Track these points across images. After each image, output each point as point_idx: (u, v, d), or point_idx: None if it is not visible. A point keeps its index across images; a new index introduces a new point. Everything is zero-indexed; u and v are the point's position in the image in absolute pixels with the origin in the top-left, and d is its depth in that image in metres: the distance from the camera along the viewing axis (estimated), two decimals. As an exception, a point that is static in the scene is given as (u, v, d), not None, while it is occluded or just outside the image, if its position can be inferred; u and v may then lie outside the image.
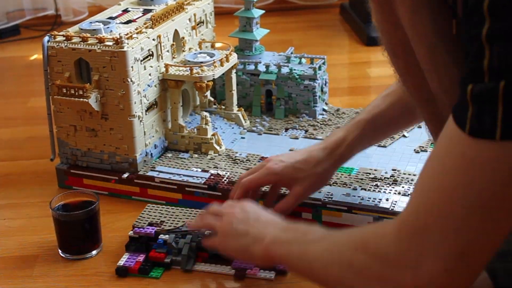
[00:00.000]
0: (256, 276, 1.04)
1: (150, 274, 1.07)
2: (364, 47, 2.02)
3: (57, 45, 1.24)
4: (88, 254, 1.12)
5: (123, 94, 1.22)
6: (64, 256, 1.12)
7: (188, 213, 1.15)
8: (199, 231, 1.08)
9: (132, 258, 1.09)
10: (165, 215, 1.14)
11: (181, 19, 1.38)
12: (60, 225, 1.11)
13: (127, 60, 1.20)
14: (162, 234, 1.09)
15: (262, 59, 1.52)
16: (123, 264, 1.08)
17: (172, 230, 1.10)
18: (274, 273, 1.04)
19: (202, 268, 1.07)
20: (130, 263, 1.08)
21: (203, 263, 1.08)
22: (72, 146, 1.30)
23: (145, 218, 1.14)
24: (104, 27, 1.27)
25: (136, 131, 1.25)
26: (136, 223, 1.13)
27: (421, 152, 1.31)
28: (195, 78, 1.30)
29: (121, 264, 1.08)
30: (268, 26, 1.58)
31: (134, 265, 1.07)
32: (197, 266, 1.07)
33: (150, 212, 1.15)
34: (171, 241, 1.08)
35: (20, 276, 1.09)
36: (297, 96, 1.46)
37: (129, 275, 1.07)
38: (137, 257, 1.09)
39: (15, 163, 1.46)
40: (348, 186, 1.20)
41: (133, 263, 1.08)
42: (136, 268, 1.07)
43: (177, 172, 1.27)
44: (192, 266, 1.07)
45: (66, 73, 1.25)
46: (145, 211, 1.16)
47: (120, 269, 1.07)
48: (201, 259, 1.08)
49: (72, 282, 1.08)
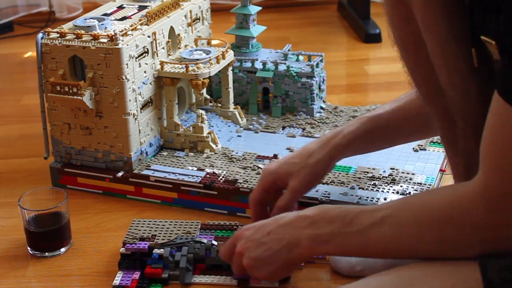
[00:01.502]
0: (260, 285, 1.01)
1: None
2: (362, 44, 2.01)
3: (51, 42, 1.23)
4: (56, 251, 1.12)
5: (117, 92, 1.21)
6: (32, 253, 1.13)
7: (178, 224, 1.11)
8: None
9: (127, 276, 1.04)
10: (155, 229, 1.10)
11: (176, 16, 1.37)
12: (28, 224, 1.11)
13: (121, 57, 1.19)
14: (156, 248, 1.05)
15: (259, 56, 1.51)
16: (119, 283, 1.02)
17: (167, 244, 1.06)
18: (277, 283, 1.02)
19: (202, 280, 1.03)
20: (127, 282, 1.02)
21: (202, 275, 1.04)
22: (66, 144, 1.29)
23: (135, 233, 1.08)
24: (99, 24, 1.26)
25: (131, 129, 1.24)
26: (126, 239, 1.07)
27: (420, 151, 1.30)
28: (190, 75, 1.29)
29: (117, 283, 1.02)
30: (265, 23, 1.57)
31: (131, 284, 1.02)
32: (195, 278, 1.04)
33: (138, 227, 1.10)
34: (167, 255, 1.04)
35: (14, 276, 1.08)
36: (294, 94, 1.45)
37: None
38: (132, 274, 1.04)
39: (8, 161, 1.44)
40: (345, 185, 1.18)
41: (130, 281, 1.02)
42: (133, 287, 1.02)
43: (172, 171, 1.26)
44: (191, 279, 1.03)
45: (60, 70, 1.23)
46: (133, 226, 1.10)
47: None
48: (199, 271, 1.05)
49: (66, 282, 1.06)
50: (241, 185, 1.20)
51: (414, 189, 1.16)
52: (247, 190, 1.18)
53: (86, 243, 1.15)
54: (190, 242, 1.06)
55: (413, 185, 1.18)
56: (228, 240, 0.99)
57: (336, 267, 1.03)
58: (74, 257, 1.12)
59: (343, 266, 1.02)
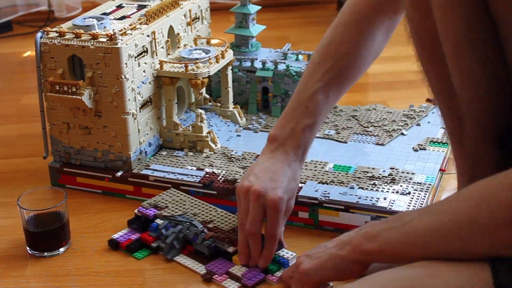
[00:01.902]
0: (220, 284, 1.02)
1: (134, 254, 1.09)
2: (361, 44, 2.01)
3: (50, 41, 1.23)
4: (55, 251, 1.12)
5: (117, 91, 1.21)
6: (31, 253, 1.12)
7: (196, 204, 1.16)
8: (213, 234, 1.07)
9: (128, 234, 1.13)
10: (174, 202, 1.16)
11: (176, 15, 1.36)
12: (27, 224, 1.11)
13: (121, 57, 1.19)
14: (159, 218, 1.11)
15: (258, 55, 1.50)
16: (116, 238, 1.12)
17: (168, 217, 1.12)
18: (237, 285, 1.02)
19: (181, 261, 1.08)
20: (122, 239, 1.12)
21: (186, 256, 1.08)
22: (65, 144, 1.29)
23: (156, 201, 1.17)
24: (98, 23, 1.25)
25: (130, 128, 1.24)
26: (146, 203, 1.16)
27: (420, 151, 1.29)
28: (190, 75, 1.29)
29: (115, 237, 1.12)
30: (264, 22, 1.57)
31: (124, 241, 1.11)
32: (179, 257, 1.08)
33: (166, 196, 1.18)
34: (161, 227, 1.10)
35: (13, 276, 1.08)
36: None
37: (119, 249, 1.12)
38: (132, 235, 1.13)
39: (7, 161, 1.44)
40: (345, 185, 1.18)
41: (125, 239, 1.12)
42: (124, 245, 1.10)
43: (171, 171, 1.25)
44: (175, 256, 1.08)
45: (59, 69, 1.23)
46: (163, 194, 1.19)
47: (111, 242, 1.12)
48: (187, 251, 1.09)
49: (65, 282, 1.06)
50: (241, 184, 1.19)
51: (414, 188, 1.16)
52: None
53: (85, 243, 1.15)
54: (187, 222, 1.10)
55: (413, 185, 1.17)
56: (292, 265, 1.01)
57: None
58: (73, 257, 1.12)
59: None
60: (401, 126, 1.39)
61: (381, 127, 1.39)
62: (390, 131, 1.37)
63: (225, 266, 1.05)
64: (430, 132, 1.36)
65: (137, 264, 1.08)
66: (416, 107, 1.47)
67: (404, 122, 1.40)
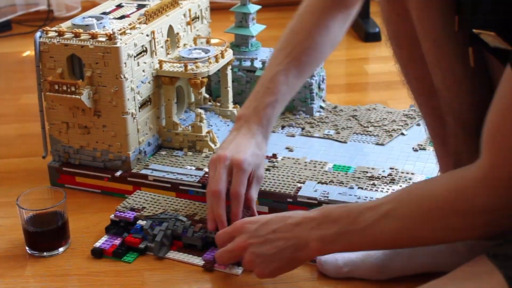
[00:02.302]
0: (223, 271, 1.05)
1: (123, 258, 1.09)
2: (362, 43, 2.01)
3: (49, 41, 1.22)
4: (54, 251, 1.12)
5: (116, 91, 1.21)
6: (31, 253, 1.12)
7: (172, 201, 1.17)
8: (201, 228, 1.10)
9: (110, 241, 1.12)
10: (149, 202, 1.17)
11: (175, 15, 1.36)
12: (26, 223, 1.11)
13: (120, 56, 1.19)
14: (140, 220, 1.12)
15: (258, 55, 1.50)
16: (99, 246, 1.11)
17: (150, 217, 1.13)
18: (241, 269, 1.04)
19: (175, 256, 1.09)
20: (106, 246, 1.11)
21: (177, 251, 1.09)
22: (65, 143, 1.29)
23: (129, 203, 1.17)
24: (97, 23, 1.25)
25: (129, 128, 1.24)
26: (119, 207, 1.16)
27: (419, 151, 1.29)
28: (189, 74, 1.28)
29: (97, 246, 1.11)
30: (264, 21, 1.57)
31: (109, 248, 1.10)
32: (170, 253, 1.09)
33: (136, 198, 1.18)
34: (147, 227, 1.10)
35: (12, 276, 1.08)
36: (293, 93, 1.45)
37: (104, 257, 1.10)
38: (114, 240, 1.12)
39: (6, 160, 1.44)
40: (344, 185, 1.18)
41: (109, 245, 1.11)
42: (110, 251, 1.10)
43: (171, 170, 1.25)
44: (165, 253, 1.09)
45: (58, 69, 1.23)
46: (132, 197, 1.19)
47: (95, 251, 1.10)
48: (176, 247, 1.10)
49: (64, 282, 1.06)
50: (240, 184, 1.19)
51: (414, 188, 1.16)
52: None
53: (84, 243, 1.14)
54: (172, 219, 1.11)
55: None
56: (227, 228, 1.01)
57: (323, 269, 1.03)
58: (72, 256, 1.12)
59: (329, 268, 1.02)
60: (401, 126, 1.39)
61: (381, 127, 1.39)
62: (390, 131, 1.37)
63: None
64: (430, 132, 1.36)
65: (135, 264, 1.08)
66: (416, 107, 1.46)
67: (404, 122, 1.40)
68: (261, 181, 1.10)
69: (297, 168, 1.24)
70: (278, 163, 1.26)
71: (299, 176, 1.21)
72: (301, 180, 1.19)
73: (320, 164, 1.25)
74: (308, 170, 1.23)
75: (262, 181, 1.11)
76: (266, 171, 1.22)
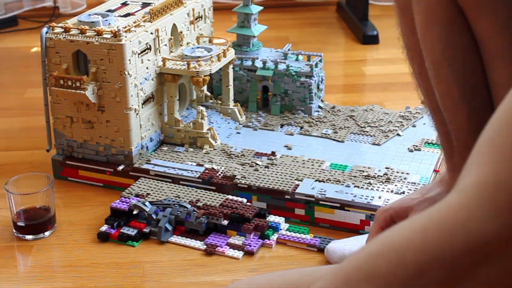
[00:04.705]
0: (224, 254, 1.09)
1: (128, 242, 1.13)
2: (360, 45, 2.03)
3: (55, 37, 1.25)
4: (40, 234, 1.16)
5: (120, 87, 1.23)
6: (19, 236, 1.16)
7: (176, 188, 1.21)
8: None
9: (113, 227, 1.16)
10: (153, 188, 1.21)
11: (179, 14, 1.39)
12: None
13: (124, 53, 1.21)
14: (134, 210, 1.15)
15: (259, 55, 1.52)
16: (105, 230, 1.15)
17: (155, 202, 1.16)
18: (242, 253, 1.09)
19: (177, 241, 1.13)
20: (112, 230, 1.15)
21: (180, 236, 1.14)
22: (68, 137, 1.31)
23: (134, 190, 1.21)
24: (103, 20, 1.27)
25: (132, 124, 1.26)
26: (124, 193, 1.20)
27: (414, 151, 1.32)
28: (192, 72, 1.31)
29: (103, 230, 1.15)
30: (265, 22, 1.59)
31: (114, 232, 1.14)
32: (173, 238, 1.13)
33: (141, 184, 1.22)
34: (151, 213, 1.13)
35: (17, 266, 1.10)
36: (293, 92, 1.47)
37: (109, 240, 1.14)
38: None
39: (10, 153, 1.46)
40: (341, 183, 1.20)
41: (114, 230, 1.15)
42: (116, 235, 1.13)
43: (172, 166, 1.28)
44: (169, 237, 1.13)
45: (63, 64, 1.25)
46: (137, 183, 1.22)
47: (101, 234, 1.14)
48: (179, 232, 1.15)
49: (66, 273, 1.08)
50: (239, 180, 1.22)
51: (408, 188, 1.18)
52: (245, 186, 1.20)
53: (86, 235, 1.16)
54: (175, 205, 1.15)
55: (407, 185, 1.20)
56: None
57: (330, 258, 1.06)
58: (75, 248, 1.14)
59: (337, 257, 1.05)
60: (397, 127, 1.41)
61: (378, 128, 1.41)
62: (386, 132, 1.39)
63: (223, 238, 1.12)
64: (425, 133, 1.38)
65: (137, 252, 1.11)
66: (412, 109, 1.49)
67: (400, 123, 1.42)
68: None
69: (295, 166, 1.26)
70: (276, 160, 1.28)
71: (297, 173, 1.23)
72: (299, 178, 1.22)
73: (317, 163, 1.27)
74: (306, 168, 1.25)
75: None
76: (265, 168, 1.25)
